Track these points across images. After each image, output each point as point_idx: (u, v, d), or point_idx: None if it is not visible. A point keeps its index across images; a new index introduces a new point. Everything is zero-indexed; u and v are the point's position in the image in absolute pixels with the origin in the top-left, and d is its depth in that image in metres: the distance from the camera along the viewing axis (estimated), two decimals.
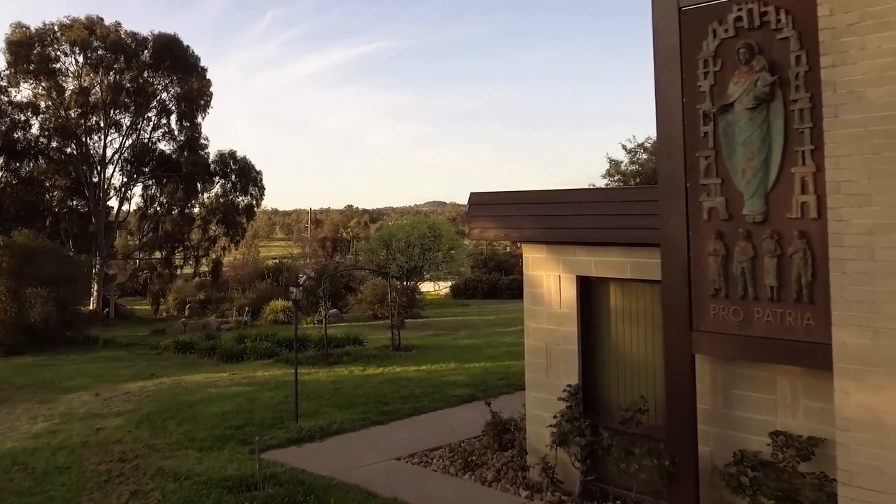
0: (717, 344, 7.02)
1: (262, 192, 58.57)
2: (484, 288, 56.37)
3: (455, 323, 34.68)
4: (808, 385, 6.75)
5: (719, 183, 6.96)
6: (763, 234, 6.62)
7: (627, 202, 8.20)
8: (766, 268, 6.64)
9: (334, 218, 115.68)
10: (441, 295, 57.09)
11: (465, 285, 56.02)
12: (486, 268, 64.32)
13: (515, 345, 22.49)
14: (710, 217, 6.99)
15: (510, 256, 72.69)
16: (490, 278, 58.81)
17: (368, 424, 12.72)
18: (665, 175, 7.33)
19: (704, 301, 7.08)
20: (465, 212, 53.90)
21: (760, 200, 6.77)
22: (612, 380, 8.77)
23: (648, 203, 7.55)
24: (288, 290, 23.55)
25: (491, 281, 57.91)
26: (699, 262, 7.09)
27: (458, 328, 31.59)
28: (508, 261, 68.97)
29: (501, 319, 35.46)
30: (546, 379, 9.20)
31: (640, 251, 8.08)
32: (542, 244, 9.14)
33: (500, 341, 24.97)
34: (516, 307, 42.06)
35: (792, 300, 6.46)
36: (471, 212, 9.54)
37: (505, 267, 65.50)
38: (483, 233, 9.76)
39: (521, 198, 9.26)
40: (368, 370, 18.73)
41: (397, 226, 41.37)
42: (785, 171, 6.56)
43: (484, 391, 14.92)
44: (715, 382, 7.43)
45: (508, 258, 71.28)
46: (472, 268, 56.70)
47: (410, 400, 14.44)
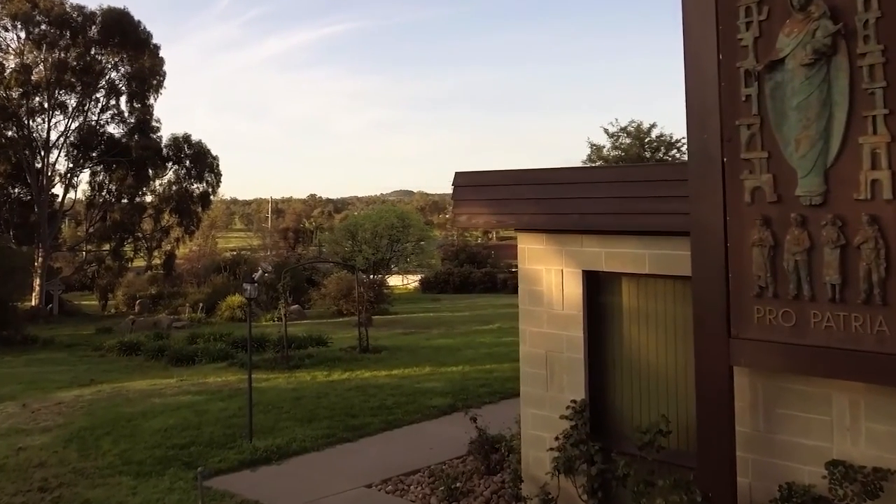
0: (763, 354, 6.23)
1: (218, 178, 57.46)
2: (455, 281, 56.41)
3: (427, 320, 34.54)
4: (872, 403, 6.02)
5: (765, 157, 6.14)
6: (822, 220, 5.85)
7: (649, 182, 7.34)
8: (827, 261, 5.86)
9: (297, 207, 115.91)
10: (410, 289, 56.90)
11: (436, 279, 55.90)
12: (458, 260, 64.03)
13: (496, 345, 22.59)
14: (754, 199, 6.19)
15: (483, 248, 74.64)
16: (462, 271, 58.78)
17: (334, 442, 11.91)
18: (696, 149, 6.48)
19: (746, 302, 6.27)
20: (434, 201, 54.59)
21: (819, 178, 5.93)
22: (627, 395, 8.07)
23: (675, 183, 6.79)
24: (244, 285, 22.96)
25: (463, 274, 57.90)
26: (740, 255, 6.27)
27: (431, 325, 31.30)
28: (481, 252, 69.57)
29: (476, 316, 35.30)
30: (546, 393, 8.41)
31: (663, 241, 7.31)
32: (541, 232, 8.33)
33: (478, 341, 24.48)
34: (490, 302, 44.65)
35: (859, 301, 5.71)
36: (456, 195, 8.71)
37: (477, 259, 65.75)
38: (471, 219, 8.91)
39: (518, 177, 8.36)
40: (334, 375, 18.07)
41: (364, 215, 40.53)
42: (850, 142, 5.76)
43: (465, 400, 14.33)
44: (755, 399, 6.71)
45: (481, 250, 72.16)
46: (442, 260, 56.46)
47: (382, 412, 13.68)
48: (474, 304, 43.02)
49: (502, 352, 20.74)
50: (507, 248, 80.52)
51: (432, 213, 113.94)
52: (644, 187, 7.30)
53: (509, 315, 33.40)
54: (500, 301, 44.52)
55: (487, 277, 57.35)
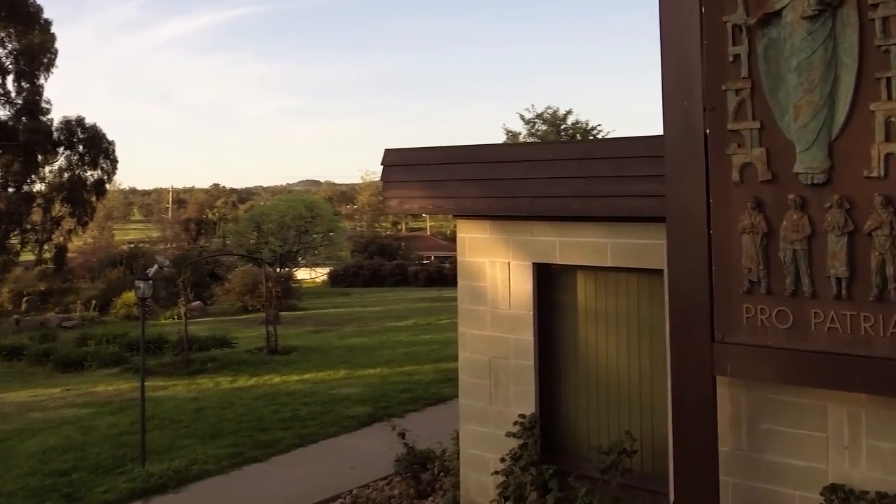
0: (753, 362, 5.68)
1: (114, 165, 55.86)
2: (365, 275, 57.06)
3: (338, 316, 34.14)
4: (875, 417, 5.60)
5: (757, 128, 5.56)
6: (826, 202, 5.32)
7: (617, 159, 6.74)
8: (831, 251, 5.32)
9: (199, 197, 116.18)
10: (318, 283, 57.10)
11: (345, 272, 56.46)
12: (368, 252, 65.11)
13: (414, 344, 22.37)
14: (744, 178, 5.62)
15: (393, 239, 75.93)
16: (372, 264, 59.44)
17: (241, 462, 11.03)
18: (674, 119, 5.85)
19: (734, 300, 5.71)
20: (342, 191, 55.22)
21: (822, 152, 5.34)
22: (585, 409, 7.57)
23: (648, 160, 6.30)
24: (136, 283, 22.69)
25: (373, 267, 58.55)
26: (726, 244, 5.71)
27: (343, 322, 30.91)
28: (391, 244, 70.61)
29: (389, 311, 35.21)
30: (490, 406, 7.85)
31: (630, 228, 6.83)
32: (486, 219, 7.73)
33: (394, 340, 24.11)
34: (402, 296, 45.16)
35: (870, 298, 5.18)
36: (386, 175, 8.03)
37: (388, 251, 66.72)
38: (403, 204, 8.22)
39: (459, 155, 7.70)
40: (240, 381, 17.34)
41: (271, 205, 40.78)
42: (860, 109, 5.20)
43: (386, 409, 13.83)
44: (736, 413, 6.24)
45: (391, 241, 73.22)
46: (352, 252, 57.31)
47: (295, 424, 12.93)
48: (386, 299, 43.21)
49: (421, 351, 20.61)
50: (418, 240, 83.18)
51: (340, 203, 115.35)
52: (610, 165, 6.72)
53: (424, 310, 34.26)
54: (413, 295, 45.02)
55: (398, 270, 58.18)
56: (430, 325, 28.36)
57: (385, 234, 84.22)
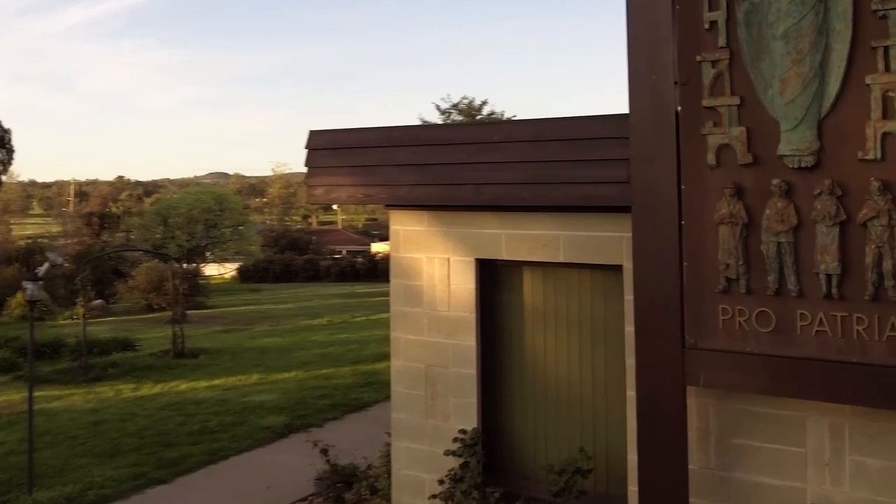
0: (729, 371, 5.36)
1: (10, 154, 54.59)
2: (276, 270, 57.62)
3: (248, 314, 34.36)
4: (860, 430, 5.35)
5: (736, 105, 5.22)
6: (815, 188, 5.00)
7: (574, 141, 6.31)
8: (821, 243, 5.02)
9: (103, 190, 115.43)
10: (227, 278, 57.48)
11: (255, 267, 56.66)
12: (278, 247, 65.74)
13: (330, 344, 22.34)
14: (721, 161, 5.30)
15: (304, 233, 76.83)
16: (283, 259, 60.00)
17: (144, 485, 10.41)
18: (641, 94, 5.50)
19: (709, 300, 5.40)
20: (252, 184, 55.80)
21: (811, 131, 4.99)
22: (534, 423, 7.22)
23: (611, 142, 5.98)
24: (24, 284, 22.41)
25: (284, 262, 59.09)
26: (700, 236, 5.40)
27: (254, 321, 31.04)
28: (303, 238, 71.25)
29: (302, 308, 35.26)
30: (426, 421, 7.46)
31: (587, 219, 6.52)
32: (423, 209, 7.31)
33: (309, 340, 24.05)
34: (315, 292, 45.27)
35: (866, 297, 4.89)
36: (311, 160, 7.52)
37: (299, 245, 67.41)
38: (330, 193, 7.70)
39: (393, 137, 7.23)
40: (143, 389, 16.90)
41: (178, 198, 41.46)
42: (854, 83, 4.86)
43: (303, 417, 13.50)
44: (704, 426, 5.94)
45: (303, 235, 73.95)
46: (262, 247, 58.10)
47: (204, 437, 12.42)
48: (298, 295, 43.46)
49: (338, 352, 20.53)
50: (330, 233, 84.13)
51: (250, 196, 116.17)
52: (566, 147, 6.30)
53: (338, 307, 34.42)
54: (326, 291, 45.44)
55: (310, 265, 58.84)
56: (345, 322, 28.45)
57: (296, 227, 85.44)
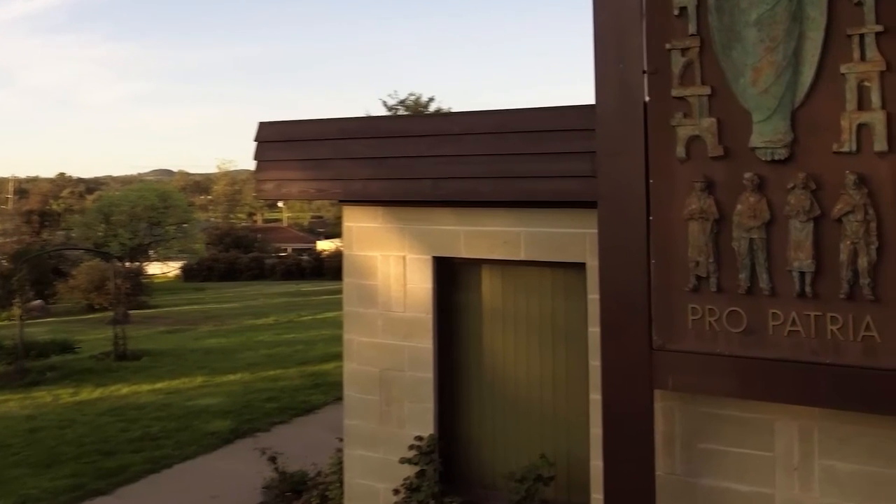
0: (699, 374, 5.17)
1: None
2: (220, 268, 57.61)
3: (192, 313, 33.82)
4: (830, 434, 5.26)
5: (707, 95, 5.05)
6: (789, 182, 4.85)
7: (538, 133, 6.10)
8: (794, 240, 4.86)
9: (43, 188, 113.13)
10: (171, 277, 57.33)
11: (199, 265, 56.73)
12: (223, 245, 65.87)
13: (276, 344, 22.04)
14: (691, 153, 5.12)
15: (250, 231, 77.07)
16: (227, 257, 59.99)
17: (82, 497, 9.89)
18: (608, 84, 5.30)
19: (677, 299, 5.21)
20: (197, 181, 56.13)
21: (784, 122, 4.84)
22: (493, 428, 7.03)
23: (576, 134, 5.82)
24: None
25: (228, 260, 59.08)
26: (669, 233, 5.23)
27: (198, 321, 30.51)
28: (248, 236, 71.61)
29: (247, 308, 34.91)
30: (380, 427, 7.25)
31: (549, 215, 6.34)
32: (378, 205, 7.10)
33: (255, 340, 23.61)
34: (260, 291, 45.12)
35: (840, 296, 4.76)
36: (261, 154, 7.25)
37: (244, 243, 67.63)
38: (281, 188, 7.42)
39: (348, 129, 6.97)
40: (83, 394, 16.24)
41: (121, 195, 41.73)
42: (828, 71, 4.73)
43: (250, 422, 13.09)
44: (669, 430, 5.78)
45: (248, 233, 74.28)
46: (206, 245, 58.79)
47: (146, 444, 11.96)
48: (243, 294, 43.15)
49: (285, 353, 20.27)
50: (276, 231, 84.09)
51: (195, 193, 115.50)
52: (530, 140, 6.09)
53: (284, 306, 34.26)
54: (271, 289, 45.14)
55: (255, 263, 59.05)
56: (291, 322, 28.19)
57: (241, 225, 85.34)
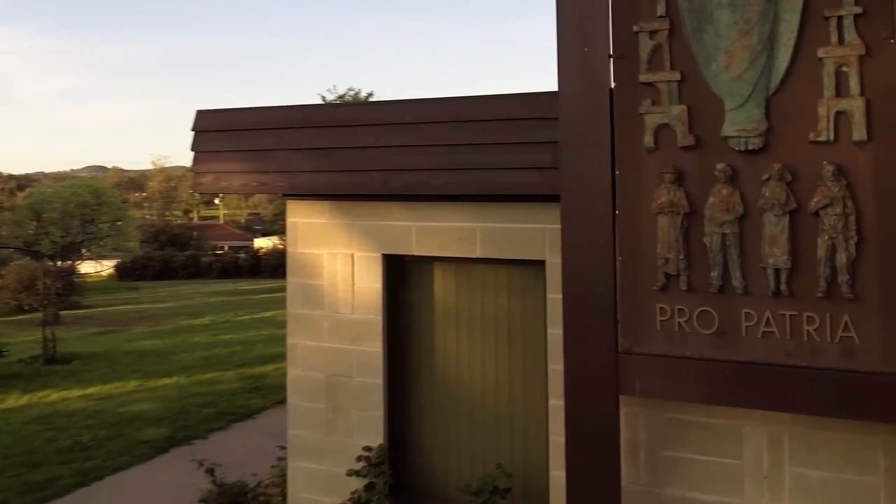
0: (668, 377, 4.93)
1: None
2: (155, 267, 57.56)
3: (127, 314, 33.46)
4: (801, 440, 5.10)
5: (677, 81, 4.85)
6: (763, 173, 4.65)
7: (496, 122, 5.84)
8: (769, 235, 4.68)
9: None
10: (104, 276, 56.70)
11: (134, 264, 56.23)
12: (158, 242, 65.75)
13: (213, 346, 21.71)
14: (660, 143, 4.91)
15: (186, 228, 76.93)
16: (163, 255, 59.87)
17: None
18: (571, 70, 5.06)
19: (645, 299, 5.00)
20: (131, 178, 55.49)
21: (758, 110, 4.65)
22: (446, 437, 6.78)
23: (537, 123, 5.58)
24: None
25: (164, 258, 58.98)
26: (636, 228, 5.02)
27: (132, 321, 30.20)
28: (184, 234, 71.73)
29: (183, 307, 34.66)
30: (326, 437, 6.93)
31: (506, 209, 6.11)
32: (324, 199, 6.78)
33: (191, 341, 23.27)
34: (196, 290, 44.87)
35: (818, 294, 4.55)
36: (198, 144, 6.89)
37: (180, 241, 67.58)
38: (220, 181, 7.03)
39: (292, 118, 6.62)
40: (8, 401, 15.87)
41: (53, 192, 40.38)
42: (805, 55, 4.53)
43: (186, 429, 12.78)
44: (633, 438, 5.60)
45: (184, 230, 74.36)
46: (141, 243, 58.02)
47: (76, 455, 11.51)
48: (179, 293, 43.17)
49: (222, 354, 20.00)
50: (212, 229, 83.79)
51: (129, 190, 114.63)
52: (486, 130, 5.81)
53: (220, 305, 34.20)
54: (208, 288, 45.25)
55: (191, 261, 59.21)
56: (228, 322, 27.91)
57: (177, 223, 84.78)
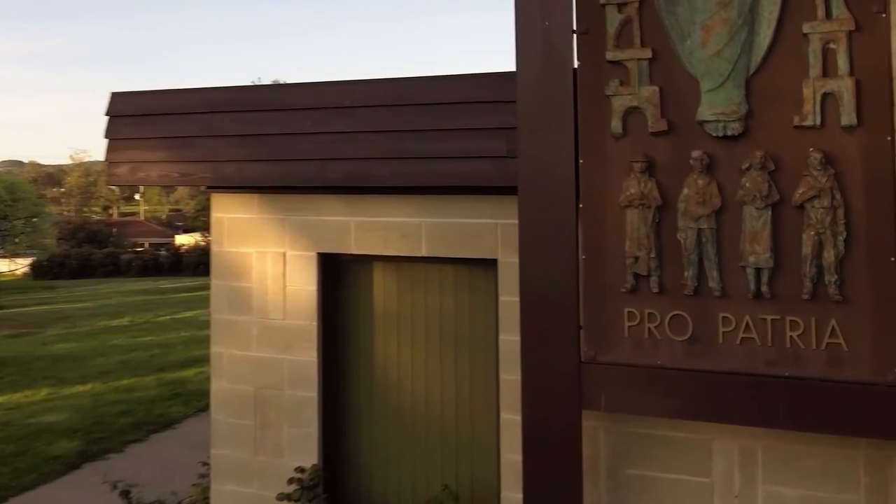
0: (636, 389, 4.58)
1: None
2: (73, 265, 56.83)
3: (41, 315, 32.19)
4: (775, 455, 4.86)
5: (647, 59, 4.52)
6: (743, 162, 4.32)
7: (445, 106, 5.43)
8: (749, 230, 4.34)
9: None
10: (19, 275, 56.17)
11: (50, 262, 55.81)
12: (76, 240, 65.15)
13: (132, 349, 21.00)
14: (629, 128, 4.56)
15: (105, 225, 76.22)
16: (81, 253, 59.10)
17: None
18: (531, 47, 4.70)
19: (612, 302, 4.64)
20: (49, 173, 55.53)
21: (738, 91, 4.31)
22: (386, 455, 6.35)
23: (488, 106, 5.21)
24: None
25: (82, 256, 58.19)
26: (601, 222, 4.66)
27: (47, 323, 28.99)
28: (103, 231, 71.06)
29: (101, 307, 33.47)
30: (254, 457, 6.42)
31: (456, 203, 5.71)
32: (253, 192, 6.30)
33: (109, 344, 22.28)
34: (115, 289, 43.98)
35: (804, 296, 4.24)
36: (112, 131, 6.31)
37: (99, 238, 66.98)
38: (136, 172, 6.45)
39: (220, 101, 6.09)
40: None
41: None
42: (789, 31, 4.22)
43: (100, 441, 12.12)
44: (594, 455, 5.26)
45: (103, 227, 73.54)
46: (58, 240, 58.46)
47: None
48: (97, 292, 42.18)
49: (141, 358, 19.26)
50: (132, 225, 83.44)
51: (46, 185, 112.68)
52: (435, 114, 5.38)
53: (140, 305, 33.41)
54: (127, 287, 44.37)
55: (110, 259, 58.60)
56: (148, 323, 27.19)
57: (96, 219, 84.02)
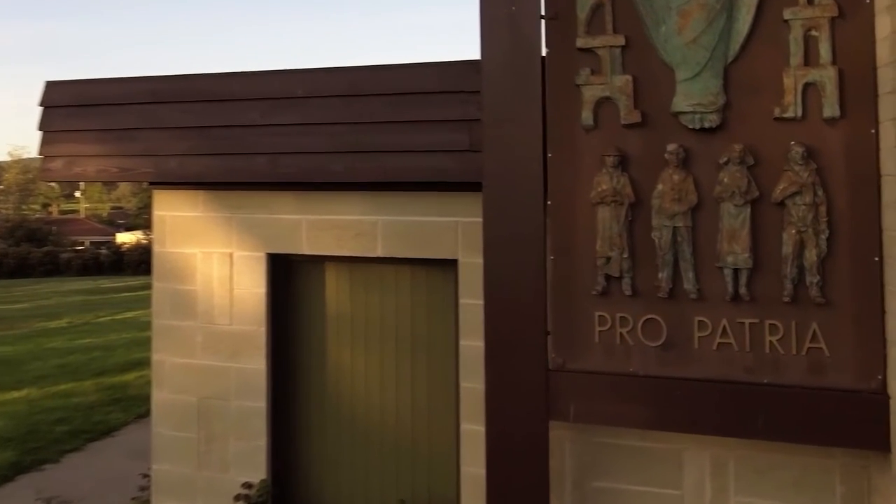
0: (607, 398, 4.40)
1: None
2: (10, 264, 56.24)
3: None
4: (748, 465, 4.70)
5: (620, 46, 4.35)
6: (721, 156, 4.17)
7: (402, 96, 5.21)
8: (727, 229, 4.18)
9: None
10: None
11: None
12: (14, 238, 64.55)
13: (70, 352, 20.25)
14: (600, 120, 4.39)
15: (44, 223, 75.18)
16: (18, 251, 58.60)
17: None
18: (496, 33, 4.51)
19: (581, 305, 4.45)
20: None
21: (716, 80, 4.16)
22: (338, 468, 6.13)
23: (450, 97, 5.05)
24: None
25: (19, 255, 57.72)
26: (571, 221, 4.49)
27: None
28: (42, 228, 70.06)
29: (39, 308, 32.30)
30: (198, 472, 6.13)
31: (413, 200, 5.53)
32: (198, 188, 6.02)
33: (46, 347, 21.54)
34: (54, 289, 43.10)
35: (782, 299, 4.11)
36: (47, 122, 6.06)
37: (38, 236, 66.21)
38: (72, 167, 6.12)
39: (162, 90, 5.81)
40: None
41: None
42: (769, 16, 4.11)
43: (35, 451, 11.52)
44: (559, 467, 5.06)
45: (42, 225, 72.50)
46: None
47: None
48: (35, 292, 40.93)
49: (80, 361, 18.57)
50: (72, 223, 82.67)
51: None
52: (392, 105, 5.15)
53: (80, 305, 32.50)
54: (67, 286, 43.35)
55: (49, 258, 58.00)
56: (87, 324, 26.41)
57: (35, 217, 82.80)
